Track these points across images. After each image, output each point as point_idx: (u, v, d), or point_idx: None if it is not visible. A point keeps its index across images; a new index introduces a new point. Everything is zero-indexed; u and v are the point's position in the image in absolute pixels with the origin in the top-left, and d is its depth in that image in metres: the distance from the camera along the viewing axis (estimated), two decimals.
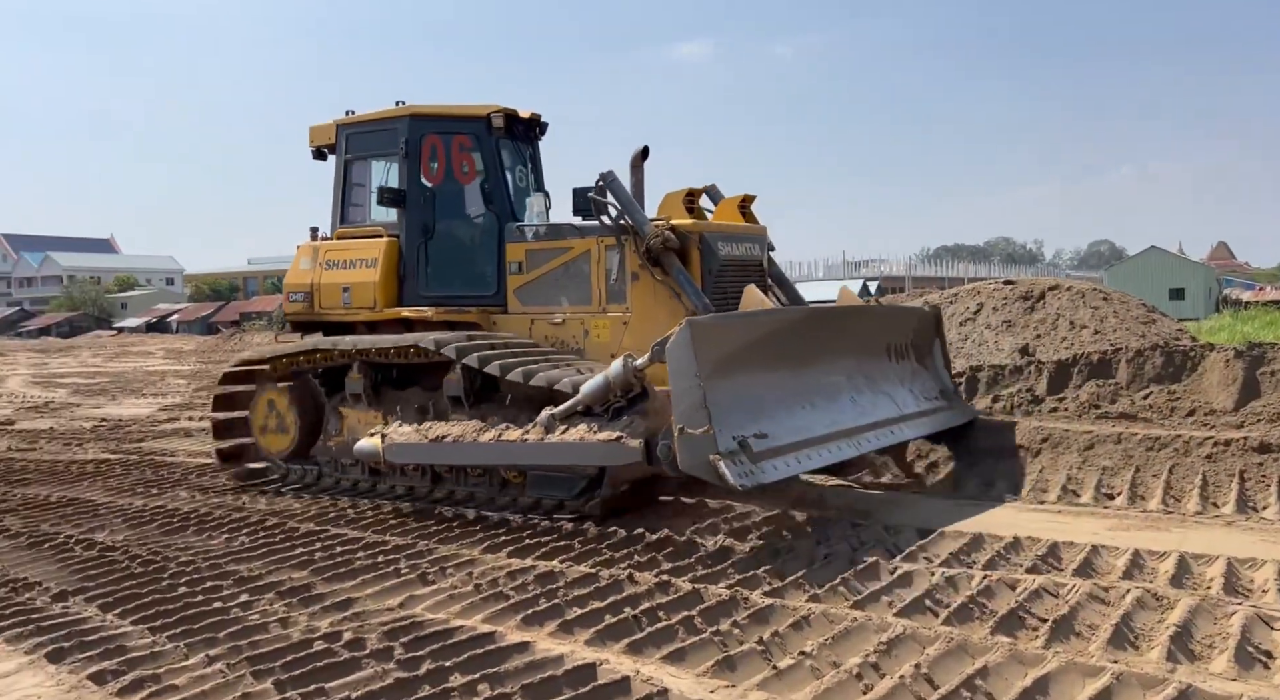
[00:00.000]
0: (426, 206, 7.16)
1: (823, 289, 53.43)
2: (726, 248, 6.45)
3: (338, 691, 3.04)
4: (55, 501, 6.58)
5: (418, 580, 4.35)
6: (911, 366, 6.78)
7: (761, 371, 5.26)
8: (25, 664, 3.49)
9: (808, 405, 5.53)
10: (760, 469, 4.74)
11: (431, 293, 7.10)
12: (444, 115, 7.26)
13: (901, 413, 6.21)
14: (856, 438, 5.61)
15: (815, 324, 5.96)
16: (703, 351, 4.79)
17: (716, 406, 4.73)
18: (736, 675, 3.10)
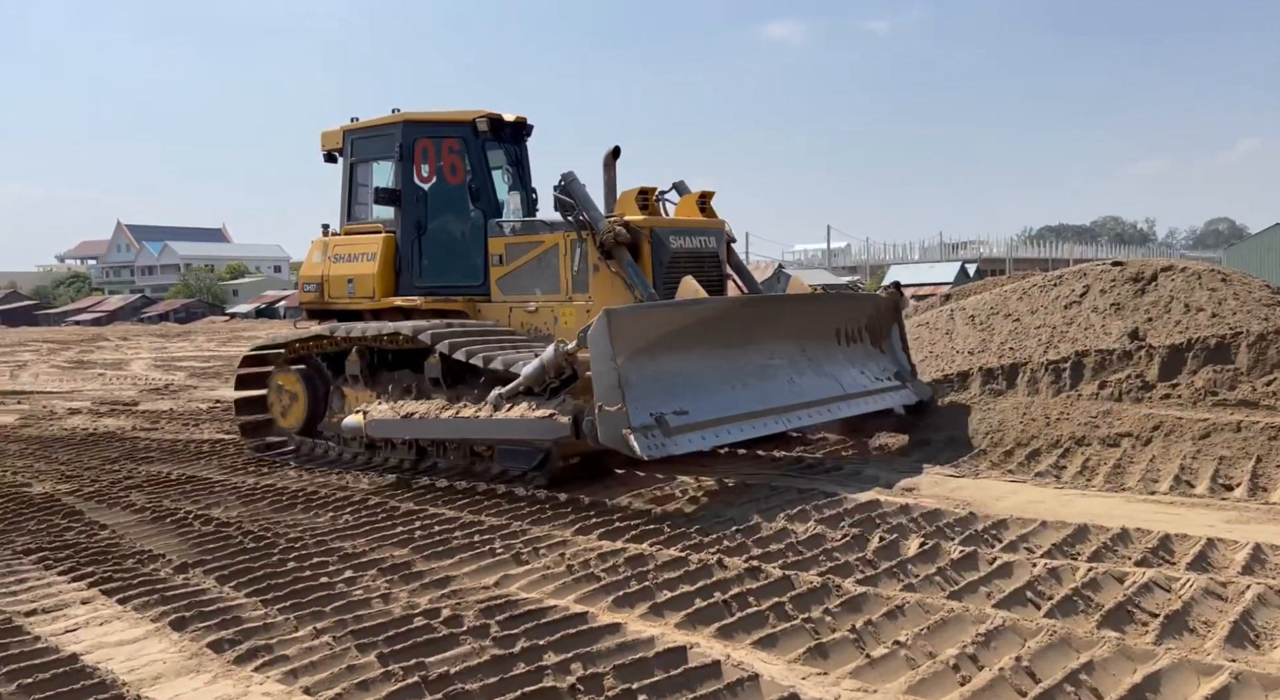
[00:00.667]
0: (419, 205, 7.91)
1: (917, 272, 51.90)
2: (678, 241, 7.05)
3: (437, 666, 3.14)
4: (175, 479, 6.98)
5: (512, 560, 4.44)
6: (865, 349, 7.31)
7: (686, 355, 5.82)
8: (152, 631, 3.72)
9: (738, 385, 6.08)
10: (674, 442, 5.34)
11: (424, 283, 7.85)
12: (434, 121, 7.96)
13: (845, 392, 6.73)
14: (788, 414, 6.17)
15: (751, 311, 6.51)
16: (619, 338, 5.33)
17: (632, 387, 5.33)
18: (829, 663, 3.08)
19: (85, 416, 11.38)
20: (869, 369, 7.18)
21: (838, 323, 7.16)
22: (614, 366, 5.29)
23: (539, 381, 5.91)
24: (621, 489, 5.97)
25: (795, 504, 5.17)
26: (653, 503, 5.56)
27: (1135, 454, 5.92)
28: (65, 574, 4.53)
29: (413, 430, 6.62)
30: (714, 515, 5.03)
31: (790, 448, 7.13)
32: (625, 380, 5.31)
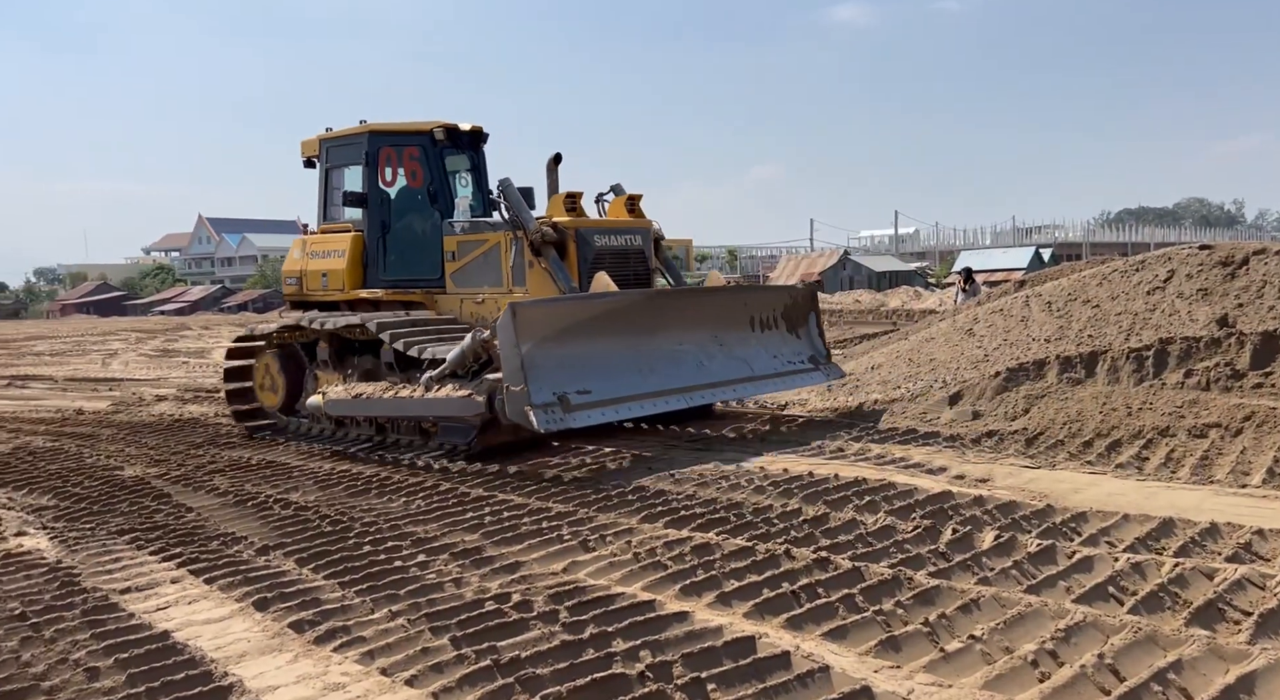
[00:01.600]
0: (383, 207, 8.72)
1: (989, 257, 50.54)
2: (602, 240, 7.76)
3: (508, 650, 3.19)
4: (256, 464, 7.22)
5: (579, 547, 4.48)
6: (781, 336, 8.03)
7: (594, 342, 6.60)
8: (236, 610, 3.87)
9: (645, 368, 6.86)
10: (572, 417, 6.20)
11: (387, 277, 8.65)
12: (396, 131, 8.75)
13: (755, 374, 7.53)
14: (691, 393, 7.01)
15: (659, 303, 7.28)
16: (523, 328, 6.14)
17: (535, 369, 6.14)
18: (901, 656, 3.03)
19: (171, 403, 11.85)
20: (783, 353, 7.95)
21: (752, 312, 7.89)
22: (518, 352, 6.11)
23: (462, 365, 6.77)
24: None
25: (865, 496, 5.10)
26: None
27: (1224, 445, 5.68)
28: (156, 554, 4.73)
29: (361, 408, 7.56)
30: (780, 507, 4.99)
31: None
32: (529, 364, 6.13)
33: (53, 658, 3.30)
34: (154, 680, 3.05)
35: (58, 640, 3.47)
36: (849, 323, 23.80)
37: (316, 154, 9.30)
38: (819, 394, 8.94)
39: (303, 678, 3.16)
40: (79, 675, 3.14)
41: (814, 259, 55.13)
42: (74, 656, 3.29)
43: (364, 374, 8.01)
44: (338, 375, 8.23)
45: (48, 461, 7.71)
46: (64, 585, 4.18)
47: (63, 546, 4.95)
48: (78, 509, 5.87)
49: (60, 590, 4.11)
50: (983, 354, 8.21)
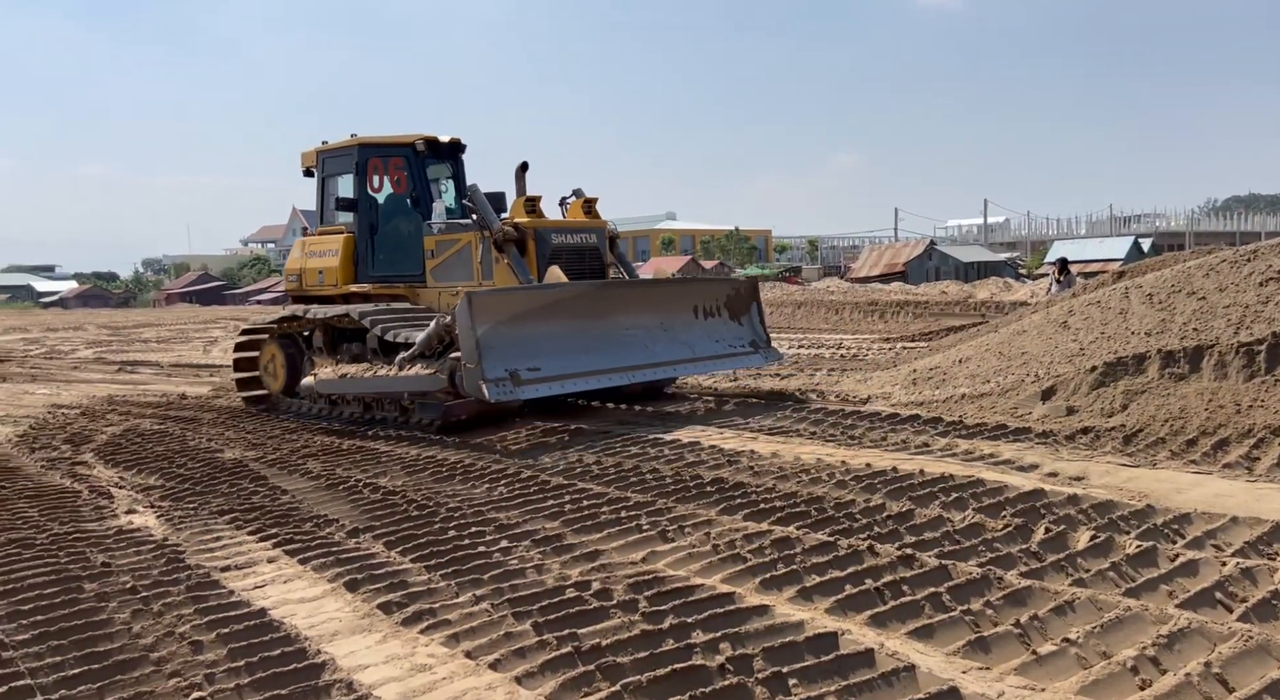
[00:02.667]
0: (371, 211, 9.88)
1: (1084, 248, 48.61)
2: (559, 238, 8.84)
3: (589, 638, 3.22)
4: (346, 449, 7.46)
5: (658, 537, 4.49)
6: (723, 323, 9.05)
7: (544, 326, 7.59)
8: (329, 590, 4.00)
9: (592, 349, 7.85)
10: (521, 390, 7.22)
11: (375, 274, 9.82)
12: (383, 143, 9.84)
13: (696, 355, 8.57)
14: (634, 372, 8.02)
15: (606, 293, 8.37)
16: (478, 314, 7.14)
17: (488, 349, 7.14)
18: (991, 657, 2.94)
19: None
20: (724, 338, 8.97)
21: (696, 301, 8.97)
22: (473, 334, 7.11)
23: (429, 347, 7.81)
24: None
25: (953, 492, 4.97)
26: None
27: None
28: (253, 534, 4.93)
29: (346, 387, 8.59)
30: (862, 501, 4.91)
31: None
32: (483, 344, 7.13)
33: (160, 630, 3.48)
34: (253, 656, 3.18)
35: (165, 614, 3.66)
36: (934, 315, 23.19)
37: (314, 164, 10.40)
38: (904, 387, 8.75)
39: (391, 658, 3.25)
40: (184, 648, 3.30)
41: (898, 249, 53.86)
42: (179, 630, 3.46)
43: (352, 358, 9.14)
44: (331, 360, 9.22)
45: (155, 443, 8.12)
46: (170, 562, 4.40)
47: (168, 524, 5.21)
48: (182, 489, 6.16)
49: (167, 566, 4.32)
50: (1078, 348, 7.90)
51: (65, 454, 7.79)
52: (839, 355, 14.37)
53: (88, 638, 3.42)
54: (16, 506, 5.70)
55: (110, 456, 7.55)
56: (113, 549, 4.65)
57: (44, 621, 3.58)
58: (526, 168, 9.61)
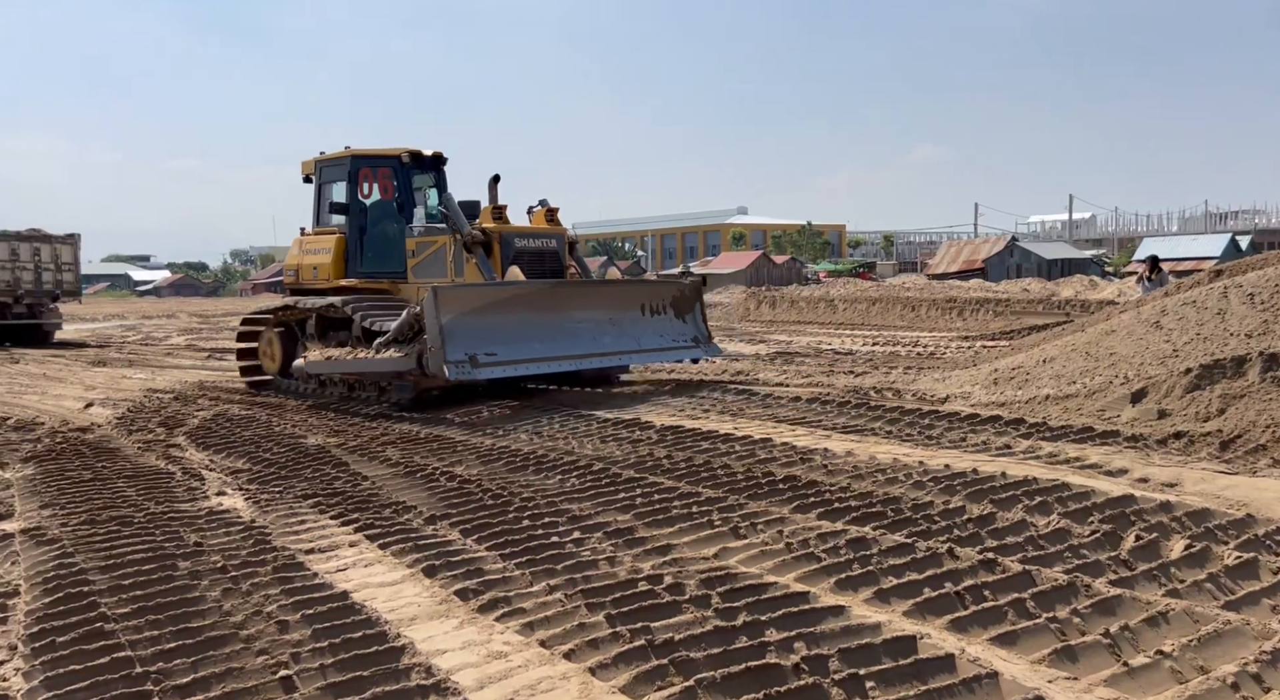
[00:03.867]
0: (361, 214, 11.16)
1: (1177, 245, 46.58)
2: (522, 242, 10.14)
3: (661, 632, 3.22)
4: (423, 437, 7.62)
5: (730, 533, 4.46)
6: (668, 320, 10.22)
7: (500, 318, 8.84)
8: (407, 576, 4.09)
9: (545, 339, 9.06)
10: (479, 372, 8.52)
11: (363, 270, 11.05)
12: (372, 155, 11.21)
13: (641, 347, 9.79)
14: (582, 359, 9.30)
15: (559, 291, 9.57)
16: (443, 306, 8.42)
17: (451, 336, 8.40)
18: (1078, 667, 2.84)
19: None
20: (668, 333, 10.16)
21: (644, 300, 10.14)
22: (438, 323, 8.35)
23: (402, 333, 8.97)
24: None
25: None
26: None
27: None
28: (335, 518, 5.08)
29: (330, 367, 9.87)
30: (941, 504, 4.79)
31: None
32: (446, 332, 8.38)
33: (249, 609, 3.60)
34: (336, 637, 3.27)
35: (253, 593, 3.79)
36: (1016, 313, 22.51)
37: (312, 172, 11.71)
38: (984, 387, 8.52)
39: (468, 644, 3.31)
40: (271, 627, 3.42)
41: (977, 245, 52.46)
42: (267, 609, 3.58)
43: (339, 344, 10.32)
44: (320, 345, 10.46)
45: (242, 428, 8.43)
46: (257, 543, 4.56)
47: (255, 507, 5.40)
48: (268, 473, 6.38)
49: (254, 547, 4.48)
50: (1171, 349, 7.57)
51: (160, 437, 8.15)
52: (915, 353, 14.07)
53: (182, 613, 3.56)
54: (116, 486, 5.99)
55: (201, 440, 7.87)
56: (204, 529, 4.84)
57: (142, 597, 3.75)
58: (498, 180, 10.74)
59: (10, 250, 22.34)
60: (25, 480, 6.31)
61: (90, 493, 5.80)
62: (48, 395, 12.25)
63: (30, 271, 22.77)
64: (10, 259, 22.32)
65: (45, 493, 5.84)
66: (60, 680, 3.01)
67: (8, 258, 22.28)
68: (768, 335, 20.54)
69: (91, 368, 16.55)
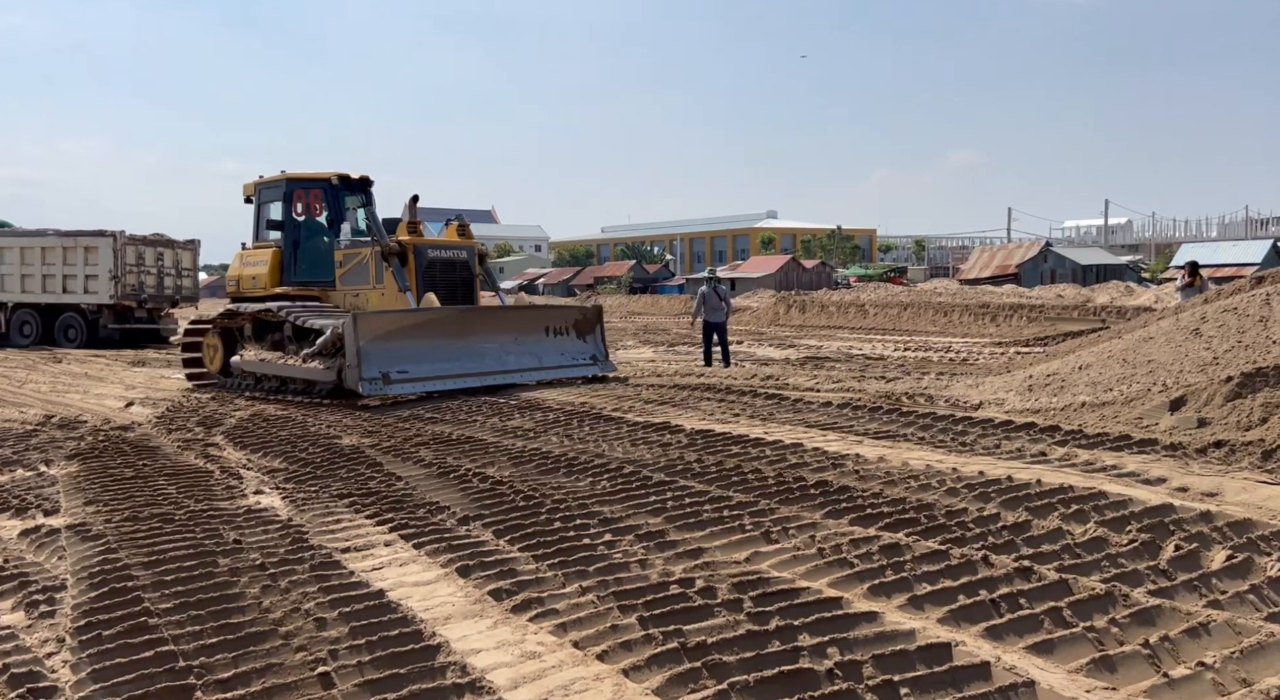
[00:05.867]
0: (295, 231, 12.73)
1: (1217, 251, 45.73)
2: (435, 253, 11.71)
3: (694, 635, 3.23)
4: (456, 439, 7.69)
5: (761, 538, 4.46)
6: (570, 340, 11.60)
7: (413, 340, 10.18)
8: (442, 575, 4.14)
9: (454, 358, 10.42)
10: (390, 388, 9.88)
11: (296, 280, 12.56)
12: (306, 178, 12.73)
13: (542, 365, 11.11)
14: (486, 376, 10.58)
15: (470, 316, 11.16)
16: (361, 329, 9.83)
17: (366, 356, 9.77)
18: (1117, 678, 2.81)
19: None
20: (569, 352, 11.52)
21: (547, 323, 11.60)
22: (356, 345, 9.74)
23: (325, 349, 10.36)
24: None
25: (1075, 515, 4.76)
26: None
27: None
28: (370, 518, 5.14)
29: (263, 368, 11.40)
30: (976, 511, 4.75)
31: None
32: (363, 353, 9.76)
33: (287, 606, 3.67)
34: (372, 635, 3.32)
35: (291, 591, 3.85)
36: (1050, 319, 22.23)
37: (252, 193, 13.17)
38: (1018, 394, 8.43)
39: (502, 644, 3.34)
40: (309, 624, 3.48)
41: (1010, 250, 51.83)
42: (305, 607, 3.64)
43: (273, 344, 11.78)
44: (256, 346, 11.92)
45: (279, 428, 8.56)
46: (295, 541, 4.63)
47: (292, 506, 5.48)
48: (304, 472, 6.48)
49: (292, 545, 4.55)
50: (1211, 356, 7.44)
51: (198, 436, 8.30)
52: (948, 359, 13.95)
53: (222, 610, 3.63)
54: (157, 484, 6.11)
55: (239, 439, 8.00)
56: (243, 527, 4.93)
57: (184, 592, 3.83)
58: (417, 199, 12.12)
59: (136, 255, 22.65)
60: (69, 477, 6.46)
61: (132, 490, 5.93)
62: (89, 394, 12.53)
63: (154, 276, 23.10)
64: (136, 263, 22.63)
65: (89, 490, 5.98)
66: (107, 673, 3.08)
67: (134, 262, 22.58)
68: (797, 340, 20.46)
69: (131, 368, 16.87)
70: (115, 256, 22.12)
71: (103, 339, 22.40)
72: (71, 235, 22.69)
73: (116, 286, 22.12)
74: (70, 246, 22.52)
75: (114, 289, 22.13)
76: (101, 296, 22.33)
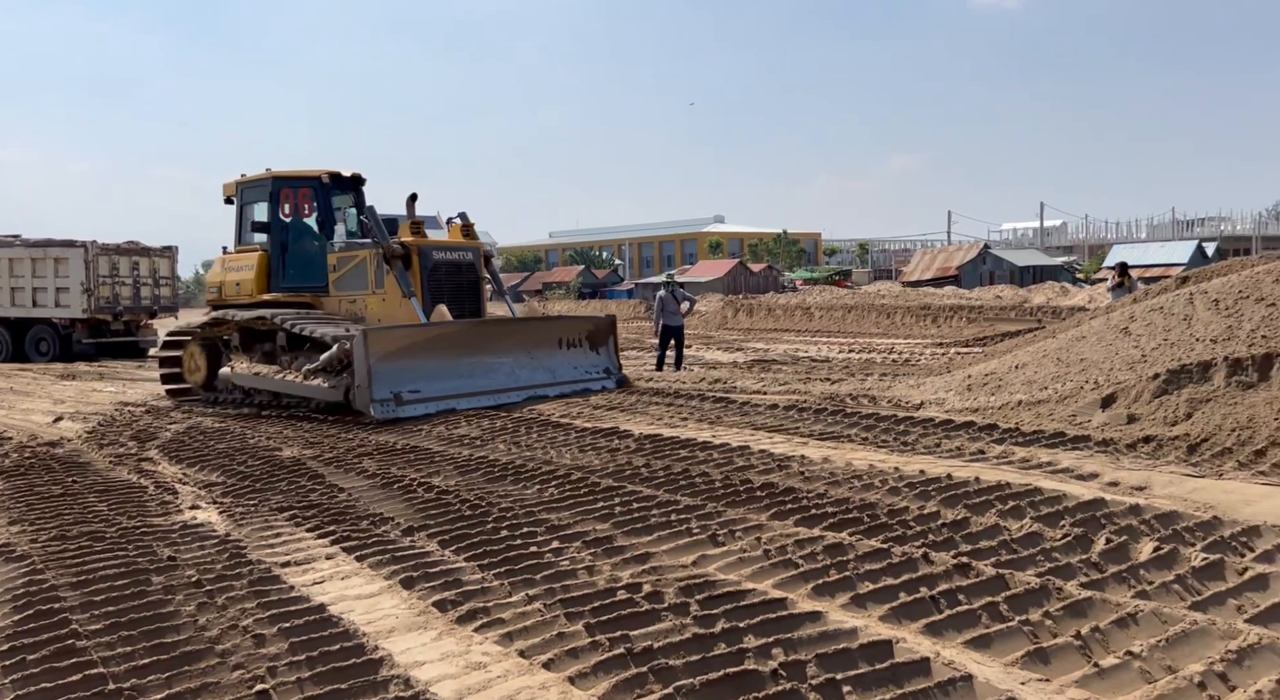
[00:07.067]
0: (282, 233, 11.76)
1: (1146, 252, 47.37)
2: (440, 255, 10.78)
3: (640, 640, 3.23)
4: (401, 448, 7.58)
5: (708, 541, 4.48)
6: (583, 352, 10.87)
7: (425, 356, 9.42)
8: (385, 588, 4.08)
9: (466, 375, 9.66)
10: (403, 409, 9.02)
11: (285, 285, 11.63)
12: (293, 176, 11.74)
13: (556, 380, 10.33)
14: (500, 394, 9.74)
15: (484, 329, 10.27)
16: (372, 346, 9.05)
17: (378, 376, 9.01)
18: (1050, 669, 2.88)
19: None
20: (581, 365, 10.77)
21: (560, 335, 10.77)
22: (366, 364, 8.99)
23: (329, 365, 9.65)
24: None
25: (1018, 503, 4.88)
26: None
27: None
28: (311, 531, 5.04)
29: (259, 383, 10.64)
30: (917, 509, 4.84)
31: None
32: (374, 372, 8.98)
33: (224, 623, 3.57)
34: (313, 650, 3.25)
35: (228, 607, 3.76)
36: (989, 320, 22.78)
37: (233, 194, 12.20)
38: (958, 393, 8.61)
39: (447, 655, 3.30)
40: (247, 641, 3.39)
41: (951, 253, 53.01)
42: (243, 623, 3.55)
43: (264, 355, 11.07)
44: (245, 357, 11.23)
45: (216, 441, 8.35)
46: (232, 556, 4.52)
47: (230, 520, 5.35)
48: (242, 486, 6.33)
49: (229, 561, 4.44)
50: (1140, 354, 7.70)
51: (132, 450, 8.05)
52: (891, 360, 14.20)
53: (156, 629, 3.53)
54: (87, 501, 5.91)
55: (174, 453, 7.78)
56: (178, 543, 4.79)
57: (115, 612, 3.71)
58: (415, 198, 11.29)
59: (110, 265, 21.59)
60: None
61: (60, 508, 5.73)
62: (15, 410, 12.07)
63: (129, 286, 22.00)
64: (110, 274, 21.57)
65: (14, 509, 5.76)
66: (31, 699, 2.96)
67: (107, 273, 21.52)
68: (745, 343, 20.64)
69: (60, 381, 16.31)
70: (87, 268, 21.08)
71: (77, 354, 21.36)
72: (40, 246, 21.66)
73: (89, 300, 21.12)
74: (39, 257, 21.43)
75: (87, 302, 21.12)
76: (74, 310, 21.23)
